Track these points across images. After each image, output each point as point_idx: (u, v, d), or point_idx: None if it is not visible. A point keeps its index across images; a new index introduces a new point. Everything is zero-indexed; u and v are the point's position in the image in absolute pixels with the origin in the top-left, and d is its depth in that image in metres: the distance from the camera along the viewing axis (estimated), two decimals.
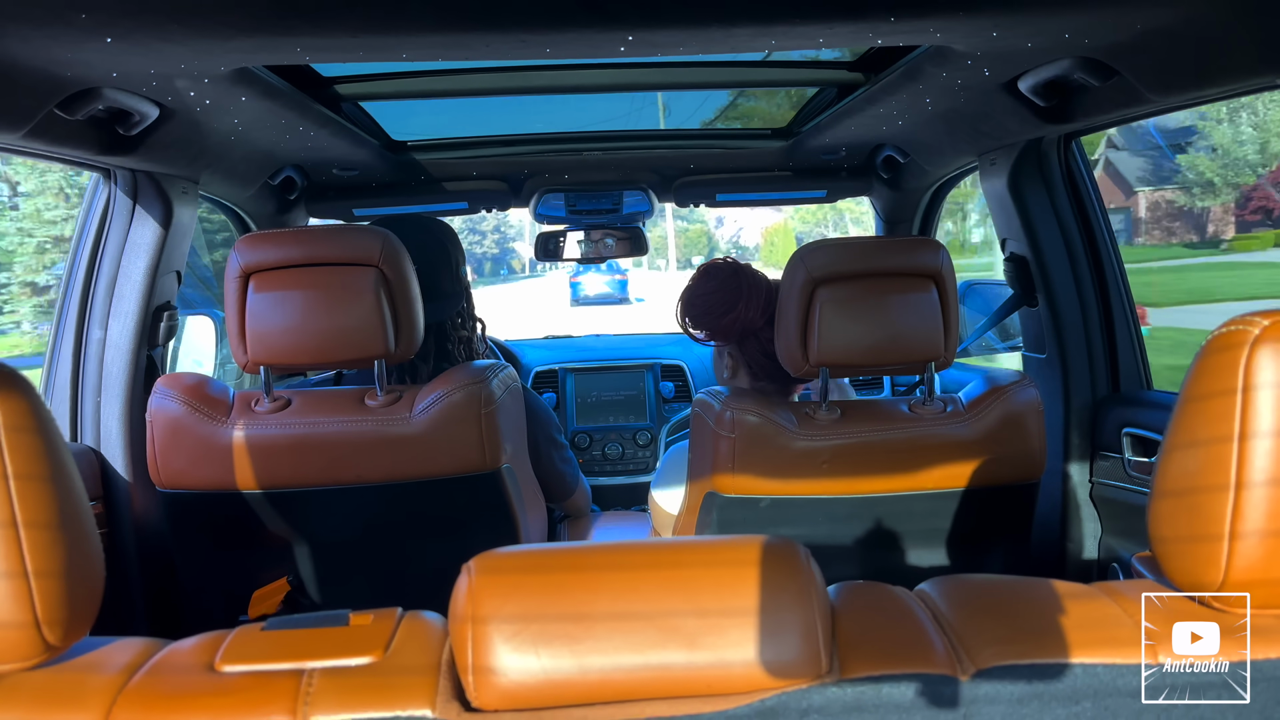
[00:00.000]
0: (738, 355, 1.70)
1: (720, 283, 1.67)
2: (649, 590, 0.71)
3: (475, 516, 1.52)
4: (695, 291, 1.69)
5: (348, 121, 1.91)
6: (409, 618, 0.79)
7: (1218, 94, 1.35)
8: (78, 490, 0.72)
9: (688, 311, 1.70)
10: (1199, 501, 0.72)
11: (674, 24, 1.16)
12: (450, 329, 1.76)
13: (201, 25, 1.10)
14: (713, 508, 1.47)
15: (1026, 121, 1.64)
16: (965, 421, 1.45)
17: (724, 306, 1.64)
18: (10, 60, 1.14)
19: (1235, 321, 0.71)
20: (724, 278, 1.67)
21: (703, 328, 1.68)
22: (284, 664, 0.72)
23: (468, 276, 1.86)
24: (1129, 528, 1.84)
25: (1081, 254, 1.90)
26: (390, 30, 1.14)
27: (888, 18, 1.16)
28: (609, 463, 2.83)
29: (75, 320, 1.72)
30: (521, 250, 62.17)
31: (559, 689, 0.69)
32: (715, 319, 1.66)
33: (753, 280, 1.66)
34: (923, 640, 0.75)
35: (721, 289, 1.66)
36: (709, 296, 1.66)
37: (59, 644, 0.70)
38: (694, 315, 1.69)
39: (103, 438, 1.72)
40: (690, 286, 1.71)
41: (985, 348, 2.44)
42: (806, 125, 2.17)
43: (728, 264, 1.71)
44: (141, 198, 1.71)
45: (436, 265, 1.73)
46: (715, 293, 1.66)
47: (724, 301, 1.64)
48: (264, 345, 1.39)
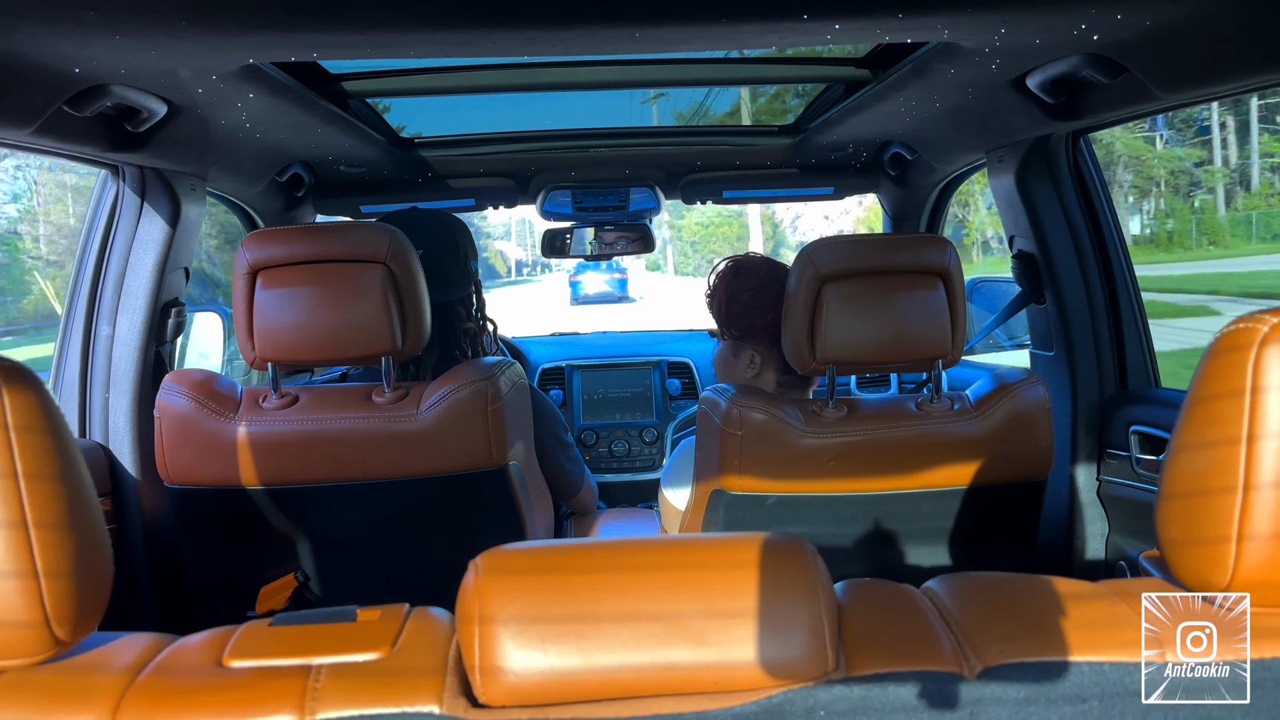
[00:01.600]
0: (766, 354, 1.66)
1: (761, 280, 1.63)
2: (655, 587, 0.71)
3: (482, 513, 1.52)
4: (735, 288, 1.64)
5: (355, 118, 1.91)
6: (416, 614, 0.79)
7: (1227, 91, 1.34)
8: (87, 488, 0.72)
9: (729, 309, 1.65)
10: (1207, 504, 0.71)
11: (681, 21, 1.16)
12: (455, 319, 1.74)
13: (210, 22, 1.10)
14: (719, 505, 1.47)
15: (1035, 118, 1.64)
16: (973, 419, 1.45)
17: (769, 303, 1.60)
18: (19, 57, 1.14)
19: (1242, 320, 0.71)
20: (764, 275, 1.64)
21: (739, 326, 1.65)
22: (291, 660, 0.72)
23: (478, 272, 1.85)
24: (1137, 526, 1.83)
25: (1089, 251, 1.89)
26: (398, 27, 1.14)
27: (896, 14, 1.15)
28: (615, 460, 2.83)
29: (84, 316, 1.73)
30: (508, 251, 58.49)
31: (566, 686, 0.69)
32: (758, 316, 1.62)
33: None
34: (929, 638, 0.75)
35: (764, 287, 1.62)
36: (753, 294, 1.62)
37: (68, 639, 0.70)
38: (734, 313, 1.64)
39: (111, 434, 1.73)
40: (725, 283, 1.67)
41: (993, 345, 2.44)
42: (814, 122, 2.16)
43: (763, 260, 1.68)
44: (149, 194, 1.71)
45: (443, 254, 1.71)
46: (759, 291, 1.62)
47: (769, 299, 1.60)
48: (271, 342, 1.39)
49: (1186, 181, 23.03)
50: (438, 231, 1.72)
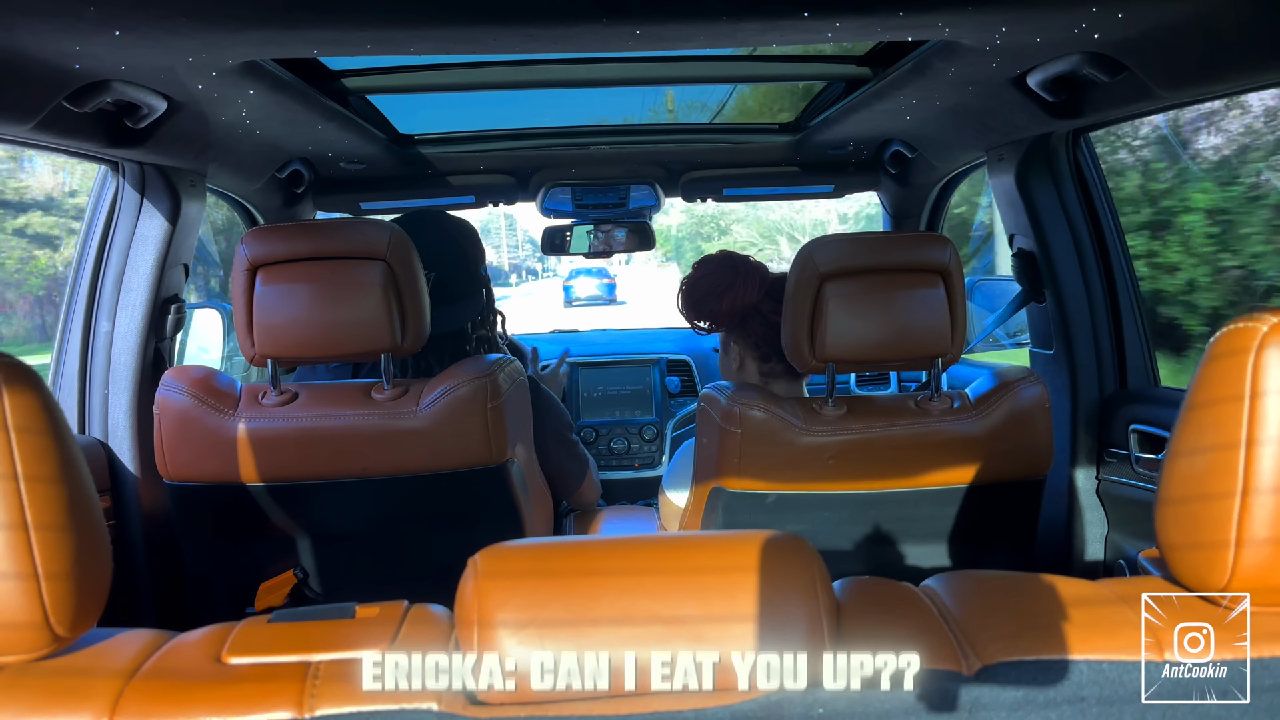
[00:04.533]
0: (743, 341, 1.71)
1: (714, 267, 1.71)
2: (654, 585, 0.71)
3: (481, 510, 1.52)
4: (691, 280, 1.73)
5: (355, 115, 1.91)
6: (415, 611, 0.79)
7: (1227, 90, 1.34)
8: (87, 487, 0.72)
9: (687, 300, 1.73)
10: (1206, 508, 0.71)
11: (682, 18, 1.16)
12: (468, 327, 1.75)
13: (210, 19, 1.10)
14: (718, 503, 1.47)
15: (1035, 117, 1.64)
16: (972, 417, 1.45)
17: (720, 287, 1.68)
18: (19, 53, 1.14)
19: (1241, 320, 0.71)
20: (716, 263, 1.72)
21: (704, 315, 1.71)
22: (290, 656, 0.72)
23: (487, 273, 1.83)
24: (1136, 525, 1.83)
25: (1089, 250, 1.89)
26: (398, 24, 1.14)
27: (896, 12, 1.15)
28: (615, 457, 2.84)
29: (83, 312, 1.73)
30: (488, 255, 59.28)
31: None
32: (715, 301, 1.68)
33: (745, 263, 1.71)
34: (928, 636, 0.75)
35: (715, 272, 1.70)
36: (704, 280, 1.70)
37: (67, 635, 0.70)
38: (693, 302, 1.72)
39: (110, 430, 1.73)
40: (686, 279, 1.75)
41: (992, 344, 2.44)
42: (814, 120, 2.16)
43: (720, 253, 1.76)
44: (149, 191, 1.71)
45: (453, 266, 1.70)
46: (710, 276, 1.70)
47: (720, 283, 1.68)
48: (271, 338, 1.39)
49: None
50: (443, 242, 1.71)
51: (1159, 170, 5.50)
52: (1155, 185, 5.43)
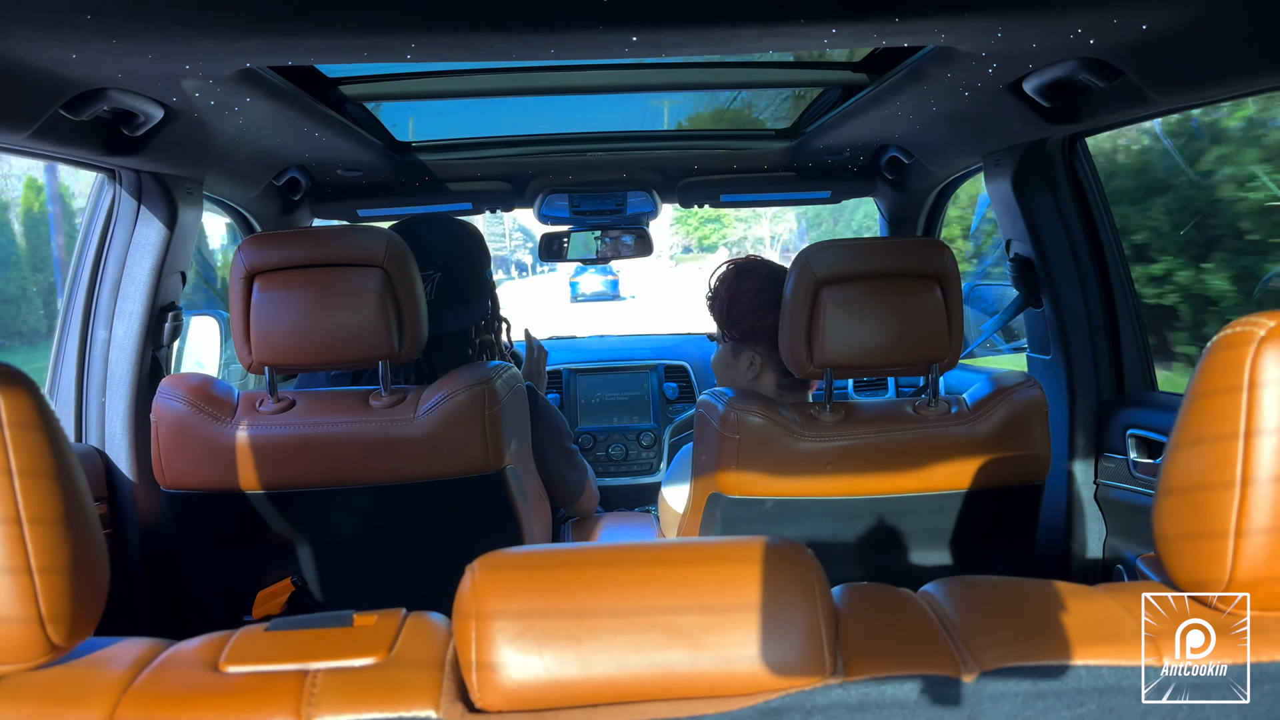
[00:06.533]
0: (766, 355, 1.66)
1: (762, 282, 1.64)
2: (653, 591, 0.71)
3: (479, 517, 1.52)
4: (736, 290, 1.66)
5: (352, 122, 1.91)
6: (413, 618, 0.79)
7: (1223, 95, 1.35)
8: (82, 488, 0.72)
9: (729, 313, 1.66)
10: (1204, 499, 0.72)
11: (678, 25, 1.16)
12: (472, 334, 1.74)
13: (206, 27, 1.10)
14: (717, 508, 1.46)
15: (1031, 122, 1.64)
16: (970, 422, 1.45)
17: (769, 305, 1.61)
18: (16, 61, 1.14)
19: (1241, 322, 0.71)
20: (764, 277, 1.65)
21: (742, 330, 1.66)
22: (288, 665, 0.72)
23: (494, 277, 1.82)
24: (1134, 529, 1.83)
25: (1086, 255, 1.89)
26: (394, 31, 1.15)
27: (893, 19, 1.16)
28: (613, 463, 2.83)
29: (80, 321, 1.72)
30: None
31: (563, 690, 0.69)
32: (760, 318, 1.63)
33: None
34: (927, 641, 0.75)
35: (766, 289, 1.63)
36: (754, 296, 1.64)
37: (63, 644, 0.70)
38: (735, 315, 1.66)
39: (107, 438, 1.73)
40: (727, 286, 1.68)
41: (990, 349, 2.44)
42: (811, 126, 2.17)
43: (763, 262, 1.70)
44: (146, 198, 1.71)
45: (457, 269, 1.69)
46: (760, 293, 1.64)
47: (770, 301, 1.61)
48: (268, 346, 1.39)
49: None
50: (448, 245, 1.70)
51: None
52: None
